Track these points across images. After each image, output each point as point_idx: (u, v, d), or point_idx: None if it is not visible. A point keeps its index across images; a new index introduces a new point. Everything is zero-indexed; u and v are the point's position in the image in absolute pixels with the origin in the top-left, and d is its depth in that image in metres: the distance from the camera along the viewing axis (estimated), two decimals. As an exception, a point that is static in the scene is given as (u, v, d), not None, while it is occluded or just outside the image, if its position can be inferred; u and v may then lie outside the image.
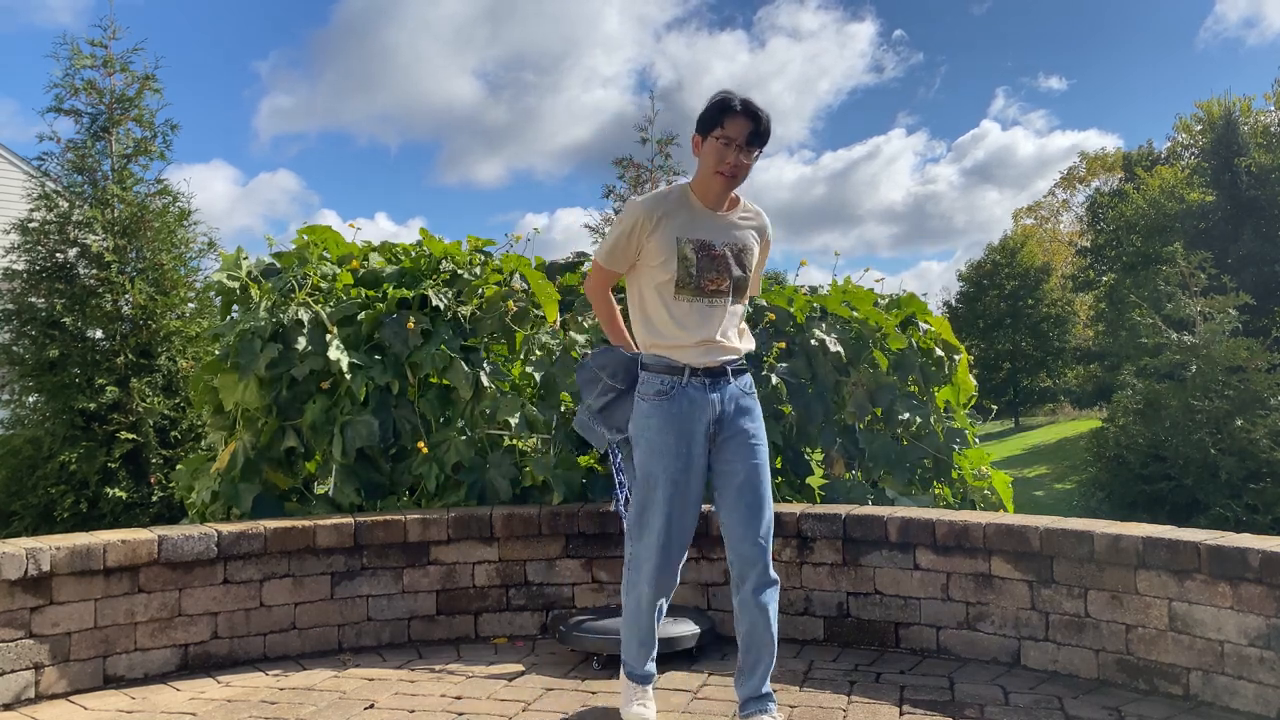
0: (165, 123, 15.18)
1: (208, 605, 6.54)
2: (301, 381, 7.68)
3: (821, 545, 6.92)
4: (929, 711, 5.55)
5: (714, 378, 5.20)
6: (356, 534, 6.96)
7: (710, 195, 5.24)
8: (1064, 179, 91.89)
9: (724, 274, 5.19)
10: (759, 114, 5.13)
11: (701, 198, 5.26)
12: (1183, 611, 5.68)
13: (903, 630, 6.74)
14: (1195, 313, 26.80)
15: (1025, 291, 78.98)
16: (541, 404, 7.93)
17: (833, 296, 8.80)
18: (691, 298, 5.17)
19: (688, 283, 5.15)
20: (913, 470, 8.47)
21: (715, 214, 5.26)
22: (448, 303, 7.92)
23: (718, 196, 5.24)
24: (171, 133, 15.19)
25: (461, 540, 7.21)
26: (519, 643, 7.11)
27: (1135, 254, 64.11)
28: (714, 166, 5.14)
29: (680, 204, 5.25)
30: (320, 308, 7.76)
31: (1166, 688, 5.74)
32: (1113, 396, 35.21)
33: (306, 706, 5.78)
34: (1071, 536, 6.07)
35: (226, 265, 8.12)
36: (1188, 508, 24.03)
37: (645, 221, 5.20)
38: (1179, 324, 27.64)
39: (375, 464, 7.83)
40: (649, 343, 5.29)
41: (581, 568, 7.30)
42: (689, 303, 5.17)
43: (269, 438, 7.72)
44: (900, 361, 8.61)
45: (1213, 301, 27.00)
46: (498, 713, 5.64)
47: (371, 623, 7.02)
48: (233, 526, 6.70)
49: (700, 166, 5.24)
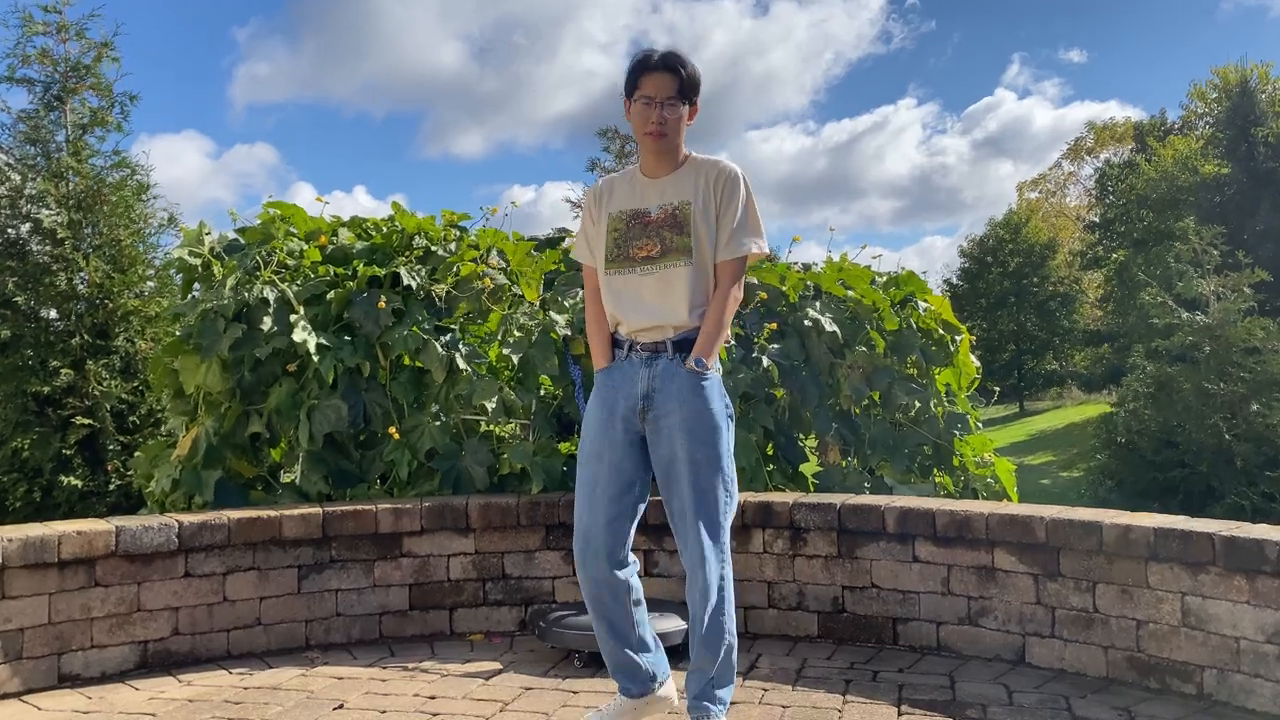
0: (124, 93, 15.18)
1: (168, 600, 6.52)
2: (266, 363, 7.66)
3: (815, 536, 6.92)
4: (929, 712, 5.55)
5: (652, 352, 5.13)
6: (325, 525, 6.95)
7: (649, 161, 5.24)
8: (1071, 150, 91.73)
9: (653, 239, 5.12)
10: (677, 67, 5.09)
11: (643, 167, 5.28)
12: (1196, 606, 5.67)
13: (901, 626, 6.74)
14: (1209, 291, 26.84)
15: (1030, 269, 79.09)
16: (520, 388, 7.90)
17: (828, 274, 8.80)
18: (621, 269, 5.15)
19: (616, 255, 5.17)
20: (912, 457, 8.49)
21: (655, 179, 5.22)
22: (421, 281, 7.90)
23: (655, 160, 5.21)
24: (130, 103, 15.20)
25: (435, 531, 7.20)
26: (496, 639, 7.11)
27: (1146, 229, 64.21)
28: (641, 129, 5.14)
29: (625, 179, 5.31)
30: (286, 286, 7.74)
31: (1179, 687, 5.73)
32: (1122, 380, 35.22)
33: (272, 707, 5.77)
34: (1079, 527, 6.06)
35: (188, 241, 8.10)
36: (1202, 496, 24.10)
37: (593, 206, 5.31)
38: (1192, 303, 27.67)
39: (344, 451, 7.82)
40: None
41: (562, 560, 7.30)
42: (622, 275, 5.15)
43: (232, 423, 7.70)
44: (898, 343, 8.61)
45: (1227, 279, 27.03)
46: (473, 713, 5.63)
47: (341, 618, 7.01)
48: (194, 517, 6.68)
49: (635, 134, 5.25)
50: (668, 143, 5.14)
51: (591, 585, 5.13)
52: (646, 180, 5.22)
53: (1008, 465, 8.86)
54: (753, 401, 8.08)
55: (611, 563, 5.10)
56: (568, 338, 7.81)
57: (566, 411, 8.05)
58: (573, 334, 7.79)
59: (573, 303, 7.99)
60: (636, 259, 5.10)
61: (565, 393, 8.03)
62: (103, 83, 14.97)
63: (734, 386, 7.75)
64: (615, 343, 5.22)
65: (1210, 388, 24.41)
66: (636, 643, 5.21)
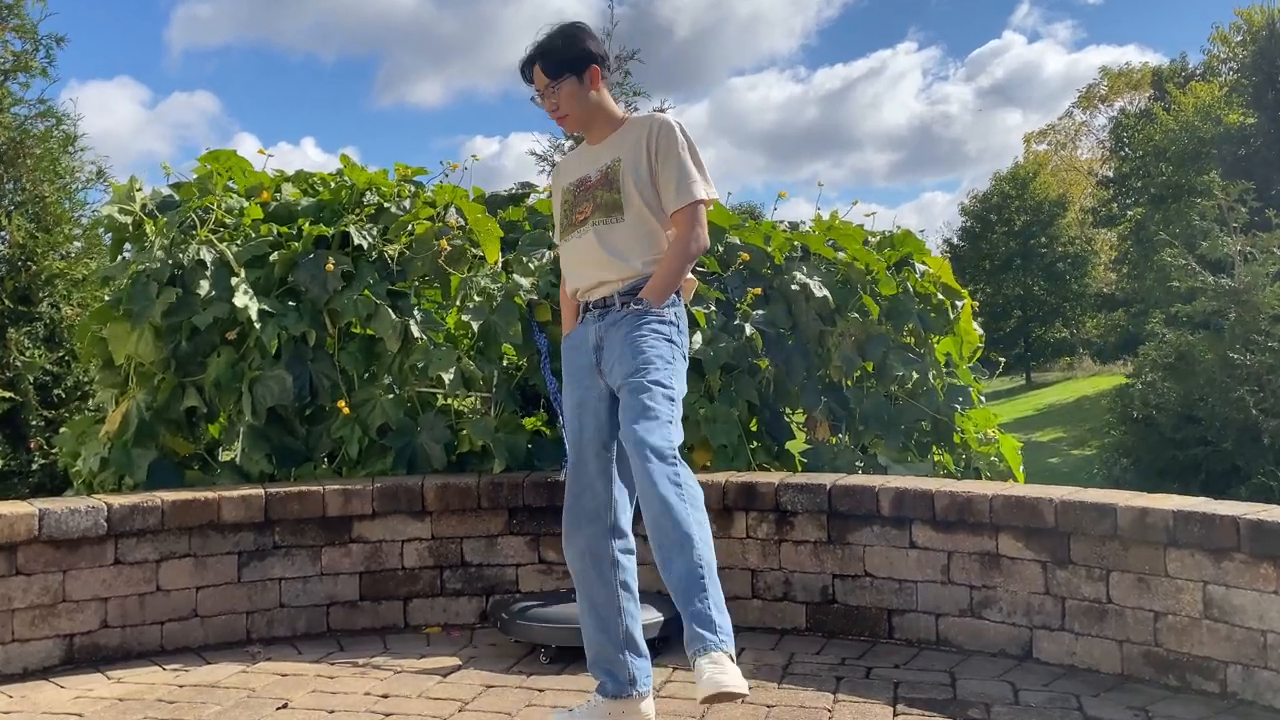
0: (50, 34, 15.06)
1: (96, 590, 6.52)
2: (204, 331, 7.63)
3: (803, 520, 6.93)
4: (927, 711, 5.56)
5: (601, 308, 5.43)
6: (267, 507, 6.95)
7: (588, 135, 5.72)
8: (1083, 98, 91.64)
9: (588, 201, 5.51)
10: (526, 65, 5.61)
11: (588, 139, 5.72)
12: (1219, 597, 5.66)
13: (897, 618, 6.76)
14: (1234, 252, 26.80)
15: (1038, 228, 79.09)
16: (480, 357, 7.88)
17: (817, 234, 8.79)
18: (566, 236, 5.61)
19: (563, 222, 5.65)
20: (908, 434, 8.48)
21: (594, 146, 5.62)
22: (372, 241, 7.88)
23: (588, 132, 5.69)
24: (57, 46, 15.06)
25: (388, 515, 7.20)
26: (455, 633, 7.13)
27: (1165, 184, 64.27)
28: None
29: (576, 154, 5.81)
30: (226, 246, 7.71)
31: (1200, 684, 5.74)
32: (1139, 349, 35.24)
33: (209, 706, 5.77)
34: (1091, 510, 6.07)
35: (118, 197, 8.07)
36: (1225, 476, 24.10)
37: (554, 185, 5.81)
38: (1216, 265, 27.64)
39: (289, 426, 7.81)
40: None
41: (527, 546, 7.32)
42: (568, 242, 5.60)
43: (166, 396, 7.68)
44: (894, 309, 8.60)
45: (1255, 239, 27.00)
46: (430, 713, 5.64)
47: (285, 609, 7.02)
48: (125, 499, 6.67)
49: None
50: (575, 121, 5.62)
51: (577, 555, 5.34)
52: (590, 148, 5.66)
53: (1013, 442, 8.87)
54: (735, 373, 8.07)
55: (599, 526, 5.29)
56: (533, 302, 7.80)
57: (531, 383, 8.04)
58: (538, 298, 7.77)
59: (538, 264, 7.96)
60: (575, 223, 5.53)
61: (530, 363, 8.02)
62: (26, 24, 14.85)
63: (714, 356, 7.76)
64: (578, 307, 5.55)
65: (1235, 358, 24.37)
66: (621, 635, 5.29)
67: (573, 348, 5.52)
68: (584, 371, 5.44)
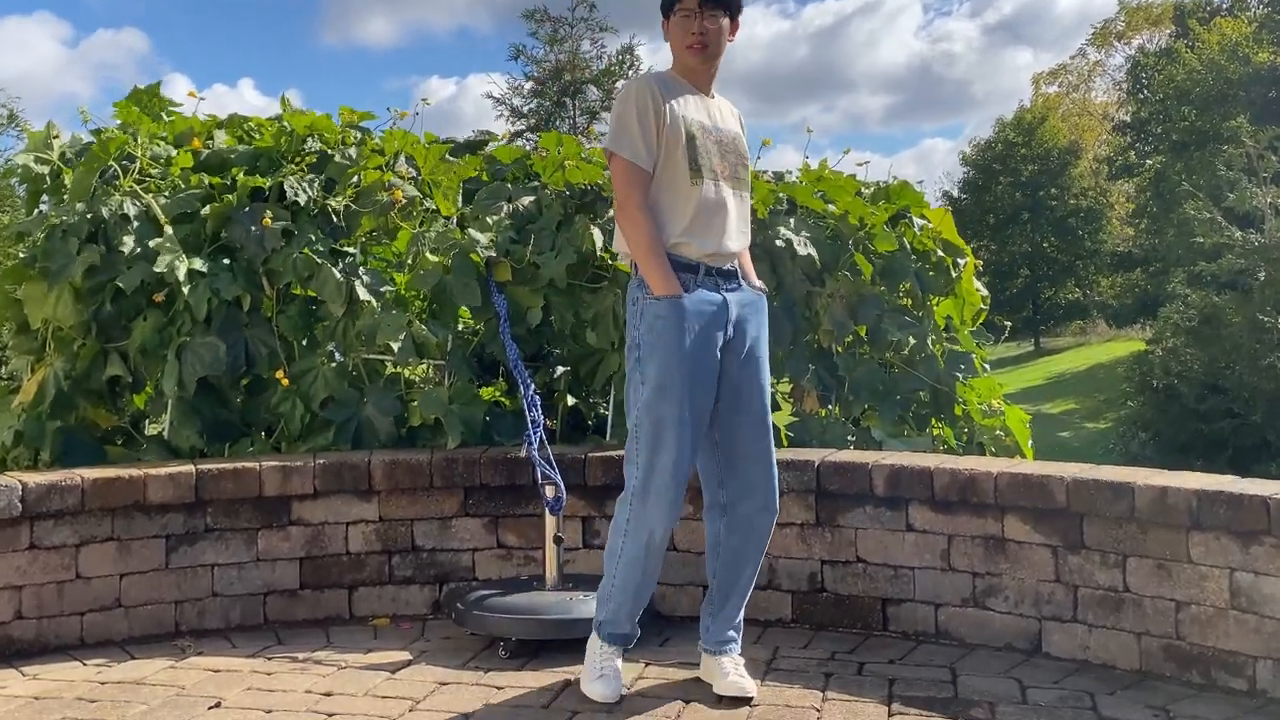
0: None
1: (9, 577, 6.51)
2: (129, 293, 7.60)
3: (789, 500, 6.91)
4: (925, 711, 5.57)
5: (726, 278, 5.74)
6: (198, 486, 6.92)
7: (699, 78, 5.85)
8: (1098, 35, 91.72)
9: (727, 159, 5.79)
10: None
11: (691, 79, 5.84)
12: (1248, 585, 5.66)
13: (892, 609, 6.78)
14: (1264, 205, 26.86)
15: (1047, 178, 79.19)
16: (433, 322, 7.85)
17: (804, 185, 8.76)
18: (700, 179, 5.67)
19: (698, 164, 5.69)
20: (905, 405, 8.48)
21: (705, 99, 5.80)
22: (314, 193, 7.87)
23: (705, 79, 5.87)
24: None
25: (331, 494, 7.19)
26: (405, 624, 7.13)
27: (1188, 130, 64.37)
28: (682, 42, 5.70)
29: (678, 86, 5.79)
30: (152, 199, 7.68)
31: (1226, 681, 5.74)
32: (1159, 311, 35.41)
33: (134, 705, 5.76)
34: (1106, 489, 6.06)
35: (33, 145, 8.06)
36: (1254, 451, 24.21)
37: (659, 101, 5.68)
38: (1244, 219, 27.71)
39: (222, 398, 7.81)
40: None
41: (484, 529, 7.32)
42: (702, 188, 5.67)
43: (87, 364, 7.67)
44: (889, 267, 8.58)
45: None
46: (377, 713, 5.63)
47: (218, 599, 7.01)
48: (41, 477, 6.65)
49: (673, 52, 5.87)
50: (710, 56, 5.79)
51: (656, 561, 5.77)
52: (702, 99, 5.83)
53: (1021, 415, 8.87)
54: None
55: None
56: (491, 260, 7.76)
57: (489, 350, 8.03)
58: (497, 256, 7.75)
59: (497, 219, 7.94)
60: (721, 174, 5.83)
61: (488, 328, 7.98)
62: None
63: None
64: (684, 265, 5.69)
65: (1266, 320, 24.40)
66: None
67: (700, 312, 5.60)
68: (711, 343, 5.62)
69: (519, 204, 8.08)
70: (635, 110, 5.60)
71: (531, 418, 6.66)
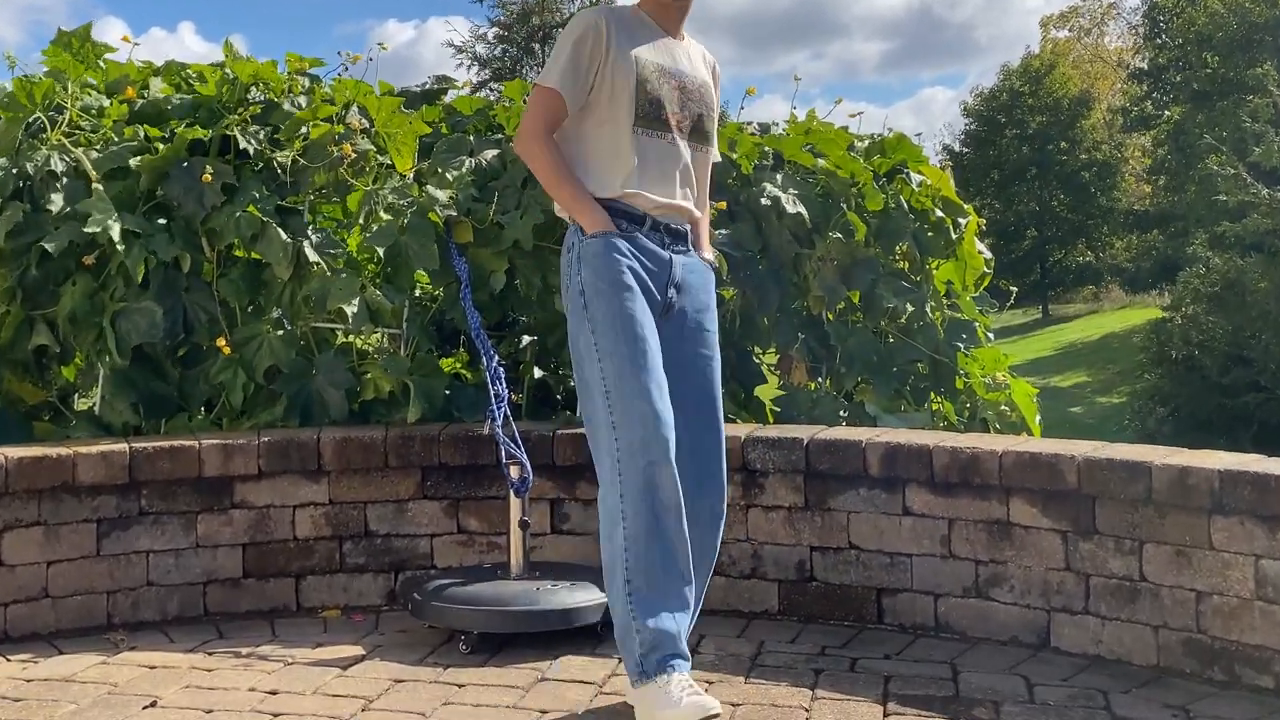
0: None
1: (-75, 566, 6.49)
2: (57, 256, 7.56)
3: (775, 481, 6.93)
4: (924, 711, 5.56)
5: (675, 238, 5.70)
6: (132, 466, 6.89)
7: (668, 17, 5.72)
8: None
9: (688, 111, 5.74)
10: None
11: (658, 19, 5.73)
12: (1275, 573, 5.62)
13: (887, 599, 6.78)
14: (1293, 160, 26.87)
15: (1056, 131, 79.30)
16: (388, 286, 7.80)
17: (792, 138, 8.76)
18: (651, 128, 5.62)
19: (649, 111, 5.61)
20: (902, 377, 8.49)
21: (671, 42, 5.72)
22: (259, 146, 7.81)
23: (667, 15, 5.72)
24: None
25: (277, 475, 7.17)
26: (357, 616, 7.12)
27: (1210, 79, 64.41)
28: None
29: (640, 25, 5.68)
30: (82, 153, 7.65)
31: (1252, 678, 5.72)
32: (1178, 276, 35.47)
33: (63, 705, 5.73)
34: (1121, 470, 6.05)
35: (-49, 94, 8.02)
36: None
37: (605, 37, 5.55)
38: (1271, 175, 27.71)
39: (159, 369, 7.77)
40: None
41: (444, 513, 7.31)
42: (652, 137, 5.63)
43: (11, 333, 7.63)
44: (885, 228, 8.57)
45: (1318, 144, 27.06)
46: (327, 713, 5.60)
47: (154, 589, 6.99)
48: (-41, 457, 6.63)
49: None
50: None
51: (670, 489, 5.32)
52: (669, 42, 5.75)
53: (1027, 388, 8.87)
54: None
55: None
56: (451, 220, 7.74)
57: (450, 317, 8.00)
58: (458, 215, 7.73)
59: (457, 174, 7.92)
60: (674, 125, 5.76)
61: (448, 293, 7.97)
62: None
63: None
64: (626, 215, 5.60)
65: (1293, 286, 24.43)
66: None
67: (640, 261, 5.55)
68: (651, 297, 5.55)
69: (481, 158, 8.06)
70: (573, 40, 5.55)
71: (495, 391, 6.65)
